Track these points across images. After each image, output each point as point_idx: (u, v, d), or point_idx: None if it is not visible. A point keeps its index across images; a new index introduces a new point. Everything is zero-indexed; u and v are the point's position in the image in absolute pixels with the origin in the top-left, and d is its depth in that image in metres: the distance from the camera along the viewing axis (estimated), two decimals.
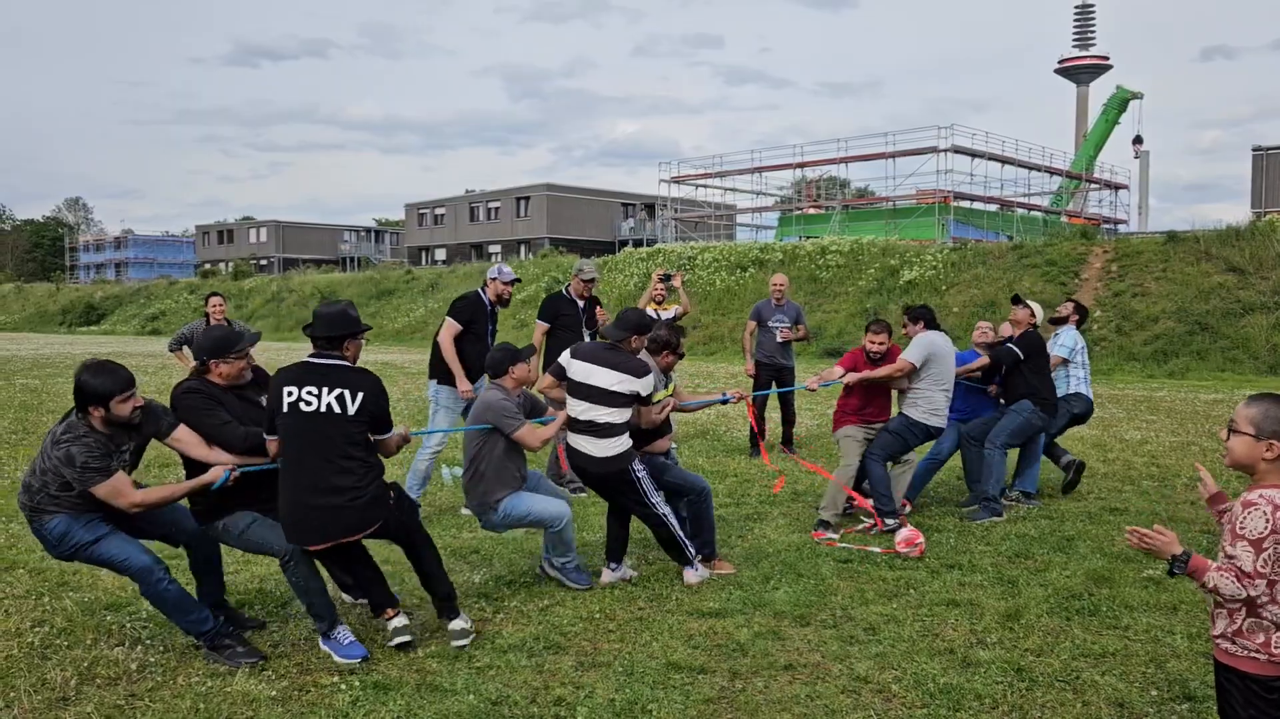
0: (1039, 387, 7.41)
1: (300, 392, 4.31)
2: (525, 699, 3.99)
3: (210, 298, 9.49)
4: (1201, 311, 21.35)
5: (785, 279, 10.39)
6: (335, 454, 4.28)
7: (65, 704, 3.95)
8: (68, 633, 4.75)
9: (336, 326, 4.45)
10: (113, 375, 4.14)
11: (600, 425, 5.35)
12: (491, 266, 7.79)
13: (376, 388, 4.42)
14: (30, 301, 61.29)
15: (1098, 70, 70.50)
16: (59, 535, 4.24)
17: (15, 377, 19.84)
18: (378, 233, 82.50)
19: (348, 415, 4.29)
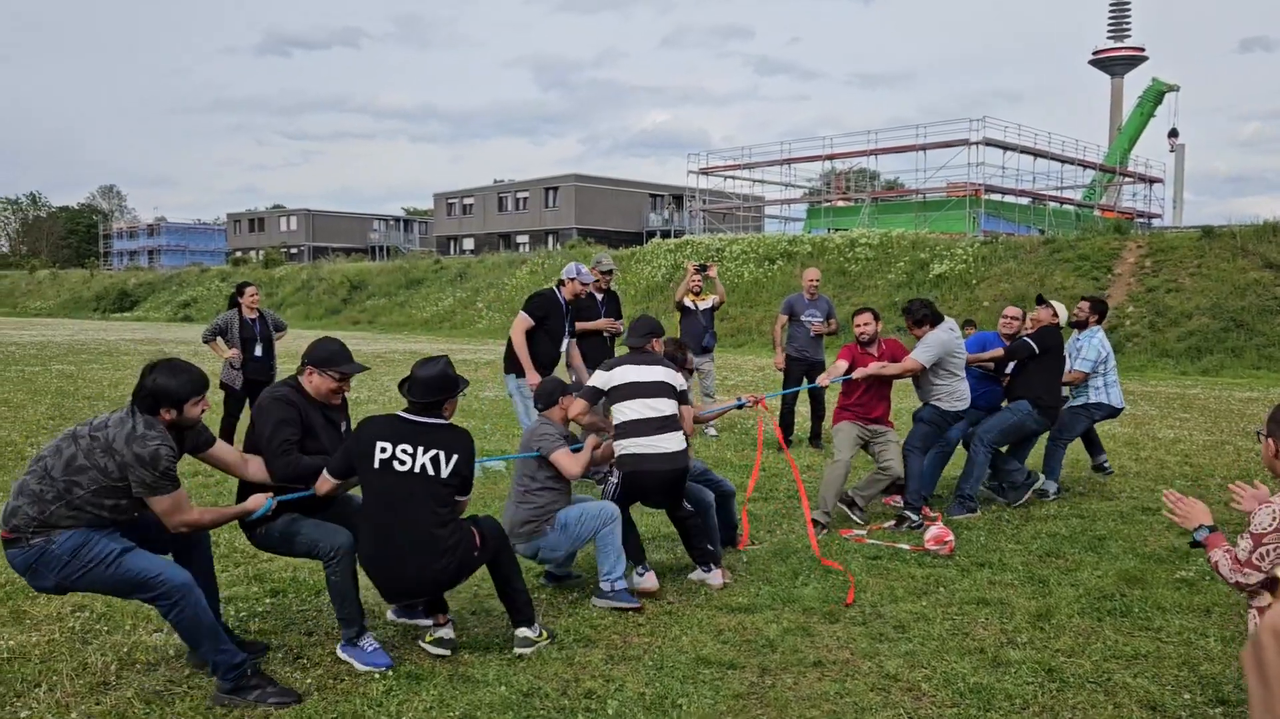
0: (1041, 389, 7.32)
1: (395, 448, 4.22)
2: (556, 692, 4.02)
3: (245, 288, 9.57)
4: (1237, 308, 21.08)
5: (818, 274, 10.45)
6: (425, 515, 4.21)
7: (106, 689, 4.03)
8: (107, 618, 4.84)
9: (437, 390, 4.34)
10: (188, 375, 3.91)
11: (669, 418, 5.30)
12: (569, 264, 7.76)
13: (468, 450, 4.33)
14: (65, 288, 62.13)
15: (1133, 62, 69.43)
16: (69, 551, 3.73)
17: (51, 362, 20.14)
18: (407, 222, 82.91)
19: (440, 476, 4.23)
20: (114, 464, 3.73)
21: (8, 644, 4.45)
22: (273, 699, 3.88)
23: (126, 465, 3.73)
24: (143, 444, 3.73)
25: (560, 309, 7.57)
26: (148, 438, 3.75)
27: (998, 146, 39.19)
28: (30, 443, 9.91)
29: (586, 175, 61.51)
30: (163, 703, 3.90)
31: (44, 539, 3.73)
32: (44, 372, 17.86)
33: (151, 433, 3.78)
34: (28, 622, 4.79)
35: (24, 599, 5.10)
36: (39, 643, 4.49)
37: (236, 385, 9.41)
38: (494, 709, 3.85)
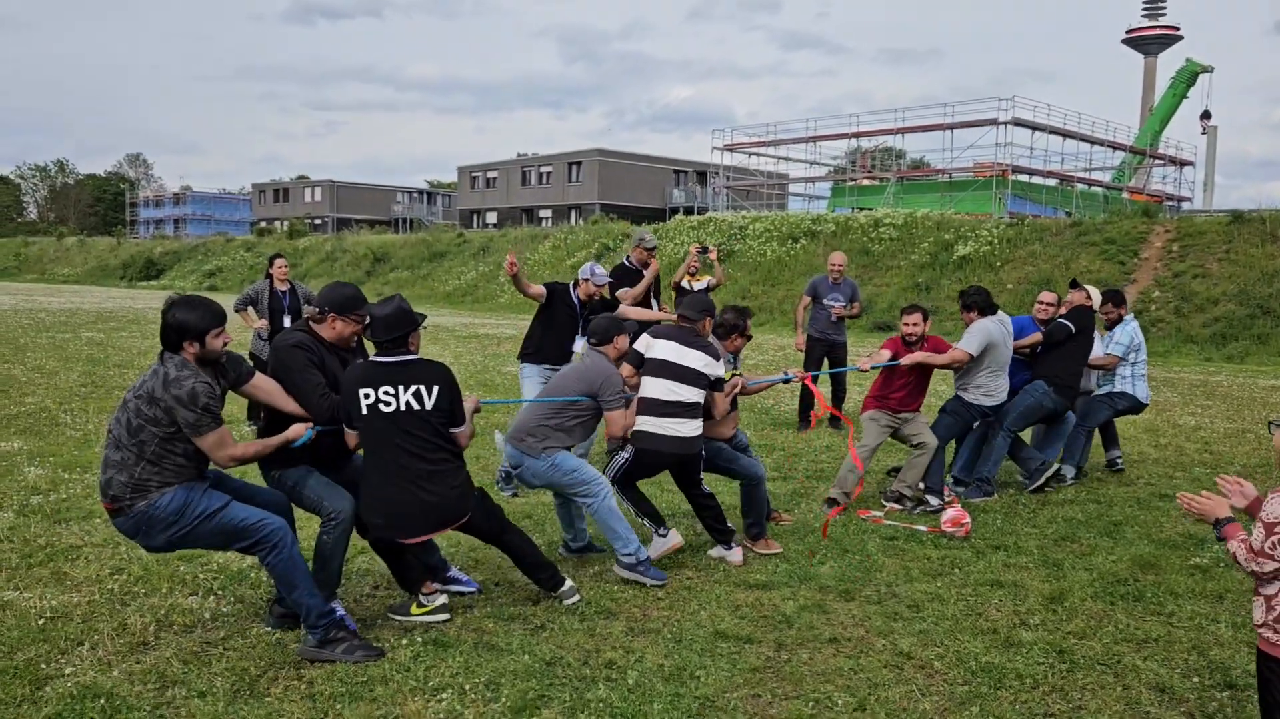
0: (1059, 369, 7.41)
1: (377, 393, 4.33)
2: (578, 661, 4.15)
3: (275, 259, 9.72)
4: (1264, 295, 20.91)
5: (844, 258, 10.49)
6: (423, 449, 4.36)
7: (145, 649, 4.19)
8: (144, 581, 5.01)
9: (396, 327, 4.43)
10: (206, 309, 4.01)
11: (691, 405, 5.36)
12: (584, 265, 7.67)
13: (449, 379, 4.48)
14: (92, 255, 62.75)
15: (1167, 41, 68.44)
16: (176, 510, 3.95)
17: (81, 329, 20.45)
18: (430, 195, 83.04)
19: (426, 409, 4.37)
20: (161, 411, 3.90)
21: (50, 604, 4.62)
22: (360, 654, 4.08)
23: (171, 409, 3.88)
24: (179, 385, 3.88)
25: (572, 303, 7.56)
26: (181, 379, 3.89)
27: (1026, 126, 38.80)
28: (64, 409, 10.13)
29: (610, 150, 61.38)
30: (200, 663, 4.05)
31: (145, 503, 3.94)
32: (74, 339, 18.15)
33: (184, 373, 3.91)
34: (68, 583, 4.96)
35: (64, 561, 5.28)
36: (80, 604, 4.66)
37: (264, 355, 9.55)
38: (517, 676, 3.98)
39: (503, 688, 3.87)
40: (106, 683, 3.82)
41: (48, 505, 6.36)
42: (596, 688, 3.89)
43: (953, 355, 6.95)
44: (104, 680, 3.85)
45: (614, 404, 5.27)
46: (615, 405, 5.27)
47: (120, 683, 3.83)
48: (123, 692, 3.76)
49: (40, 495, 6.61)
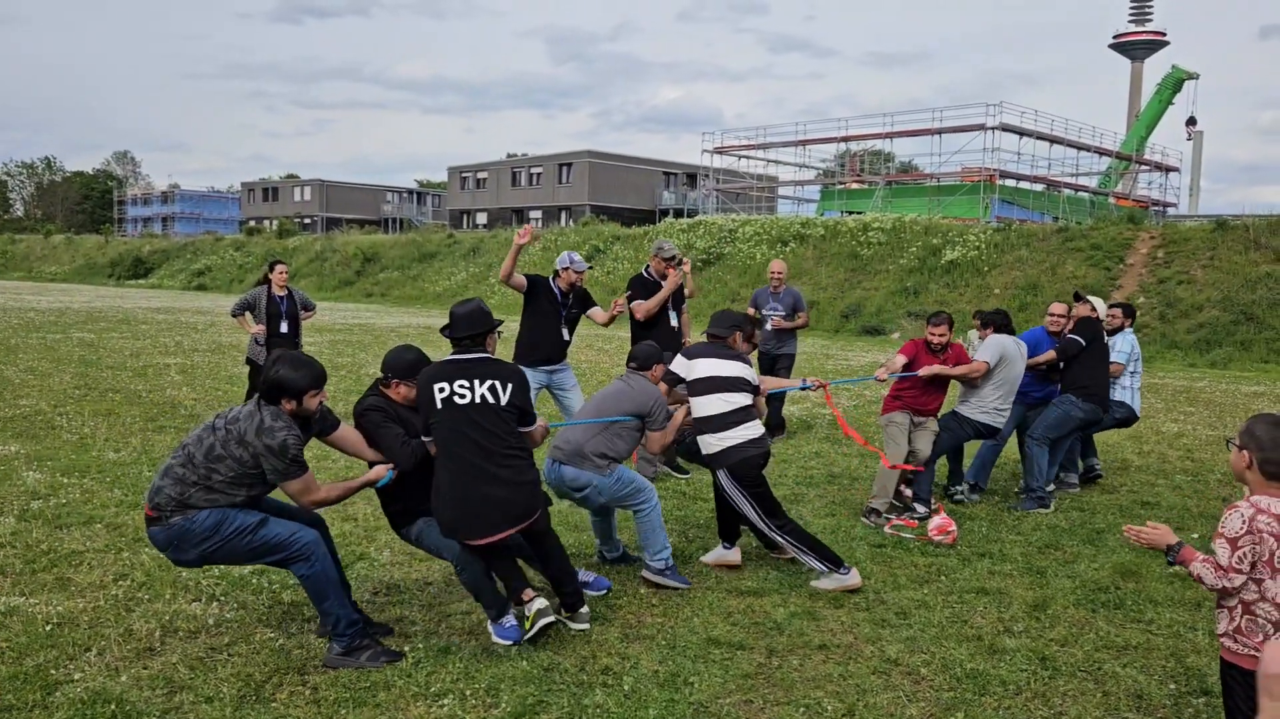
0: (1086, 379, 7.50)
1: (452, 386, 4.44)
2: (575, 667, 4.26)
3: (275, 265, 9.80)
4: (1248, 301, 21.16)
5: (784, 266, 9.97)
6: (496, 444, 4.42)
7: (152, 654, 4.29)
8: (147, 587, 5.10)
9: (478, 324, 4.62)
10: (310, 370, 4.22)
11: (748, 409, 5.51)
12: (562, 254, 7.68)
13: (521, 379, 4.59)
14: (80, 253, 62.50)
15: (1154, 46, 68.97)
16: (212, 526, 4.10)
17: (71, 329, 20.45)
18: (420, 194, 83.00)
19: (501, 405, 4.46)
20: (248, 454, 4.10)
21: (56, 610, 4.71)
22: (384, 659, 4.25)
23: (259, 455, 4.10)
24: (271, 435, 4.08)
25: (553, 294, 7.64)
26: (275, 429, 4.09)
27: (1014, 132, 39.09)
28: (58, 412, 10.19)
29: (600, 151, 61.49)
30: (206, 669, 4.15)
31: (183, 518, 4.10)
32: (65, 340, 18.15)
33: (278, 424, 4.11)
34: (73, 588, 5.04)
35: (67, 567, 5.36)
36: (85, 609, 4.75)
37: (260, 361, 9.63)
38: (516, 682, 4.09)
39: (502, 693, 3.98)
40: (115, 688, 3.92)
41: (48, 510, 6.44)
42: (594, 693, 4.01)
43: (971, 367, 7.07)
44: (113, 686, 3.94)
45: (660, 425, 5.50)
46: (660, 426, 5.51)
47: (129, 688, 3.93)
48: (132, 697, 3.86)
49: (40, 500, 6.68)
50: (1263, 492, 3.15)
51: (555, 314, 7.58)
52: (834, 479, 8.16)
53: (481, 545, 4.44)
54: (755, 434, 5.49)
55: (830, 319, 26.59)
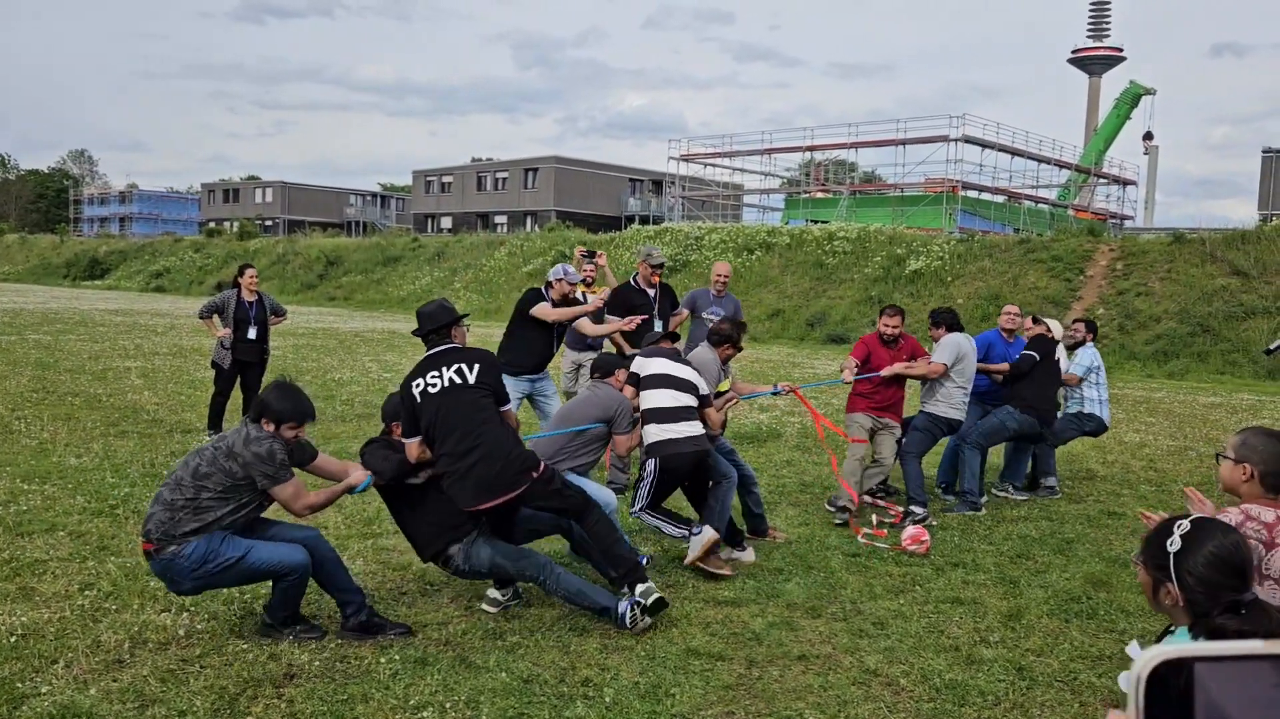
0: (1029, 394, 7.69)
1: (425, 379, 4.73)
2: (555, 679, 4.22)
3: (245, 269, 9.67)
4: (1204, 313, 21.57)
5: (728, 269, 9.21)
6: (472, 420, 4.67)
7: (121, 666, 4.19)
8: (114, 597, 4.98)
9: (439, 318, 4.92)
10: (294, 403, 4.51)
11: (693, 408, 5.81)
12: (555, 266, 7.67)
13: (488, 361, 4.86)
14: (34, 253, 61.32)
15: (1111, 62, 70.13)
16: (198, 559, 4.26)
17: (26, 331, 20.04)
18: (384, 198, 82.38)
19: (469, 384, 4.71)
20: (237, 465, 4.32)
21: (20, 621, 4.59)
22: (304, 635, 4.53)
23: (248, 464, 4.31)
24: (258, 444, 4.34)
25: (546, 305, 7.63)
26: (261, 439, 4.37)
27: (976, 144, 39.61)
28: (16, 415, 9.97)
29: (566, 157, 61.43)
30: (178, 681, 4.06)
31: (173, 552, 4.27)
32: (20, 342, 17.79)
33: (263, 434, 4.40)
34: (37, 599, 4.92)
35: (30, 576, 5.24)
36: (50, 620, 4.64)
37: (225, 365, 9.49)
38: (496, 694, 4.04)
39: (482, 706, 3.93)
40: (85, 702, 3.82)
41: (9, 518, 6.28)
42: (574, 706, 3.97)
43: (929, 367, 7.28)
44: (82, 699, 3.84)
45: (625, 429, 5.82)
46: (625, 430, 5.82)
47: (99, 702, 3.83)
48: (102, 711, 3.77)
49: (0, 507, 6.52)
50: (1256, 503, 3.17)
51: (547, 326, 7.56)
52: (806, 488, 8.18)
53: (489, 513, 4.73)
54: (694, 433, 5.77)
55: (795, 327, 26.74)
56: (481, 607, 5.03)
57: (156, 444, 8.93)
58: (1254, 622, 2.11)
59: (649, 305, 7.96)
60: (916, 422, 7.43)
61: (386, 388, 12.47)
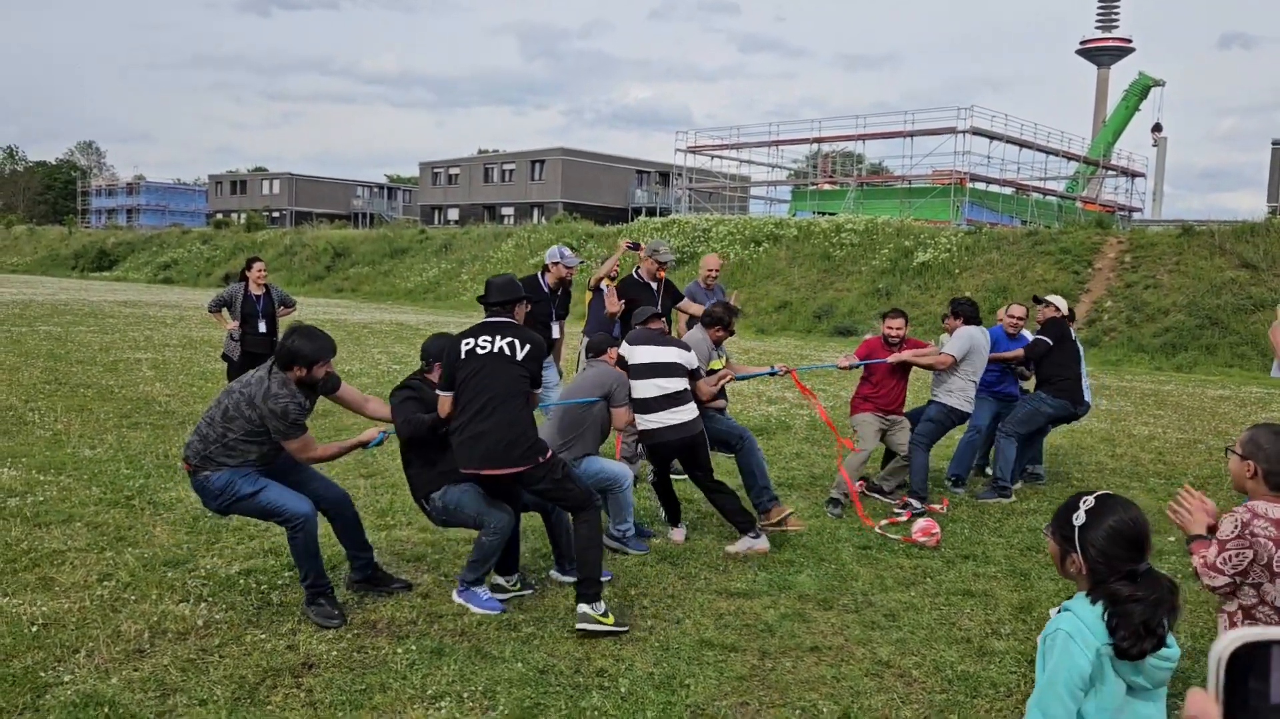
0: (1056, 376, 7.77)
1: (476, 340, 4.89)
2: (570, 669, 4.27)
3: (253, 263, 9.73)
4: (1213, 306, 21.50)
5: (719, 262, 8.85)
6: (505, 391, 4.79)
7: (141, 655, 4.24)
8: (133, 588, 5.04)
9: (508, 292, 5.08)
10: (320, 343, 4.71)
11: (677, 394, 5.95)
12: (551, 249, 7.73)
13: (539, 347, 4.98)
14: (42, 244, 61.47)
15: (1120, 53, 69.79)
16: (221, 486, 4.61)
17: (37, 323, 20.12)
18: (390, 189, 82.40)
19: (515, 359, 4.85)
20: (255, 415, 4.57)
21: (41, 611, 4.65)
22: (330, 622, 4.66)
23: (265, 417, 4.55)
24: (275, 401, 4.55)
25: (543, 294, 7.62)
26: (279, 396, 4.56)
27: (984, 135, 39.45)
28: (30, 407, 10.03)
29: (573, 149, 61.34)
30: (198, 671, 4.11)
31: (205, 474, 4.63)
32: (31, 333, 17.86)
33: (283, 392, 4.58)
34: (57, 589, 4.98)
35: (49, 567, 5.29)
36: (71, 610, 4.69)
37: (235, 357, 9.55)
38: (512, 684, 4.09)
39: (499, 696, 3.98)
40: (107, 691, 3.87)
41: (26, 508, 6.34)
42: (590, 696, 4.01)
43: (938, 358, 7.33)
44: (104, 688, 3.90)
45: (622, 403, 5.92)
46: (623, 404, 5.92)
47: (121, 691, 3.89)
48: (124, 699, 3.82)
49: (16, 498, 6.58)
50: (1264, 500, 3.21)
51: (544, 311, 7.56)
52: (816, 481, 8.21)
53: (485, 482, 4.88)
54: (676, 420, 5.92)
55: (803, 319, 26.73)
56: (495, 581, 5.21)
57: (169, 436, 8.99)
58: (1146, 589, 2.35)
59: (651, 298, 7.91)
60: (930, 412, 7.46)
61: (396, 379, 12.51)
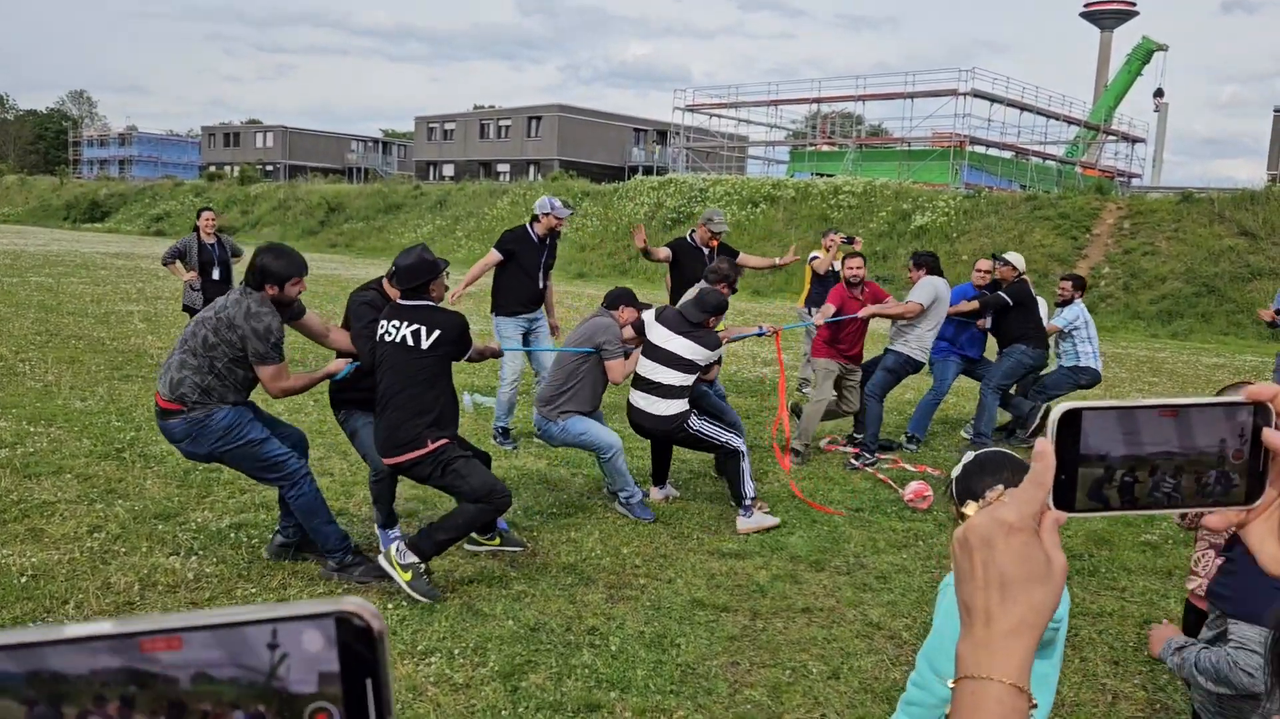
0: (1029, 329, 7.97)
1: (388, 325, 4.73)
2: (561, 627, 4.26)
3: (202, 213, 9.86)
4: (1210, 274, 21.47)
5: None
6: (401, 382, 4.65)
7: (131, 608, 4.23)
8: (123, 539, 5.02)
9: (418, 275, 4.74)
10: (291, 260, 4.52)
11: (664, 386, 5.78)
12: (541, 198, 7.68)
13: (452, 324, 4.71)
14: (33, 195, 60.92)
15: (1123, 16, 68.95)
16: (226, 425, 4.41)
17: (28, 274, 19.97)
18: (385, 144, 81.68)
19: (420, 347, 4.65)
20: (236, 337, 4.37)
21: (30, 562, 4.63)
22: (372, 575, 4.64)
23: (245, 338, 4.36)
24: (258, 320, 4.37)
25: (532, 244, 7.52)
26: (261, 314, 4.39)
27: (985, 98, 39.14)
28: (20, 358, 9.97)
29: (570, 106, 60.76)
30: None
31: (204, 413, 4.38)
32: (22, 284, 17.74)
33: (264, 309, 4.42)
34: (46, 540, 4.95)
35: (39, 518, 5.27)
36: (61, 561, 4.67)
37: (197, 306, 9.62)
38: (504, 641, 4.08)
39: (490, 652, 3.97)
40: None
41: (16, 460, 6.30)
42: (580, 654, 4.01)
43: (906, 306, 7.47)
44: None
45: (613, 354, 5.79)
46: (614, 356, 5.80)
47: None
48: None
49: (7, 449, 6.54)
50: None
51: (533, 261, 7.49)
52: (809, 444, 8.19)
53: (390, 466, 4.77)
54: (655, 410, 5.77)
55: (799, 281, 26.62)
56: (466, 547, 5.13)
57: None
58: None
59: (702, 264, 7.72)
60: (886, 361, 7.60)
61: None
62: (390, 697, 0.45)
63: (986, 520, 0.79)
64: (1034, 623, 0.77)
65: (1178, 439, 0.78)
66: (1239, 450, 0.79)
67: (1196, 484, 0.79)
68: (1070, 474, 0.78)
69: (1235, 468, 0.79)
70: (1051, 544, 0.78)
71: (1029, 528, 0.78)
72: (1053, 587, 0.78)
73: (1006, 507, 0.78)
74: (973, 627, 0.79)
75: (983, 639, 0.78)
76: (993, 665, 0.77)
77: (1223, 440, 0.79)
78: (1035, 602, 0.78)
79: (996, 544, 0.78)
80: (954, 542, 0.82)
